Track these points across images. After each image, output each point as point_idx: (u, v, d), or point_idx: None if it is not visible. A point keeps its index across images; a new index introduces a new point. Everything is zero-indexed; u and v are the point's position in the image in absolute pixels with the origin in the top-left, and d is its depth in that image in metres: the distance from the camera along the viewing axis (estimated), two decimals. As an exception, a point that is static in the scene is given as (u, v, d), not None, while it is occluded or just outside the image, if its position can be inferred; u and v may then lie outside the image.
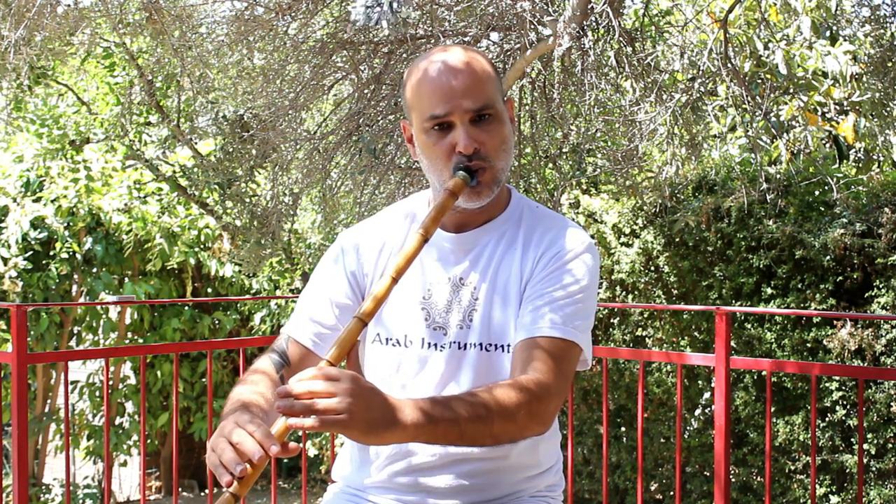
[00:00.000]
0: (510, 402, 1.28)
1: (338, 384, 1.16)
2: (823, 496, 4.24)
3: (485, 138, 1.42)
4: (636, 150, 3.58)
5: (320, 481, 6.48)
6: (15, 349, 2.98)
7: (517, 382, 1.32)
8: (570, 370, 1.41)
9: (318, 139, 3.95)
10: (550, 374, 1.35)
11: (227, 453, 1.17)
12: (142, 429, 3.36)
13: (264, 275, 6.54)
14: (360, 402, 1.17)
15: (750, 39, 3.65)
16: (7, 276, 5.35)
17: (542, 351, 1.37)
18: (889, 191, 4.32)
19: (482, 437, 1.28)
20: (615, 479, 4.89)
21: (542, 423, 1.35)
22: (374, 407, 1.18)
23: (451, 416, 1.24)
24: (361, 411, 1.16)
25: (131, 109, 5.80)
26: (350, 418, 1.15)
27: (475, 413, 1.25)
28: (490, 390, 1.30)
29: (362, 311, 1.32)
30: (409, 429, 1.20)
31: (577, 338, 1.41)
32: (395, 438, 1.22)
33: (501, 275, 1.48)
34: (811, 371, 3.27)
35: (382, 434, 1.19)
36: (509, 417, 1.28)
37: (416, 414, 1.21)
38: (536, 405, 1.31)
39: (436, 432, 1.23)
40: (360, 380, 1.20)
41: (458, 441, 1.27)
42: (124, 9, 4.21)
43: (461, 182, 1.41)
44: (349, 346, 1.29)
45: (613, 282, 4.96)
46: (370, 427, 1.17)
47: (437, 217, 1.39)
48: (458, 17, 3.43)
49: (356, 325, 1.31)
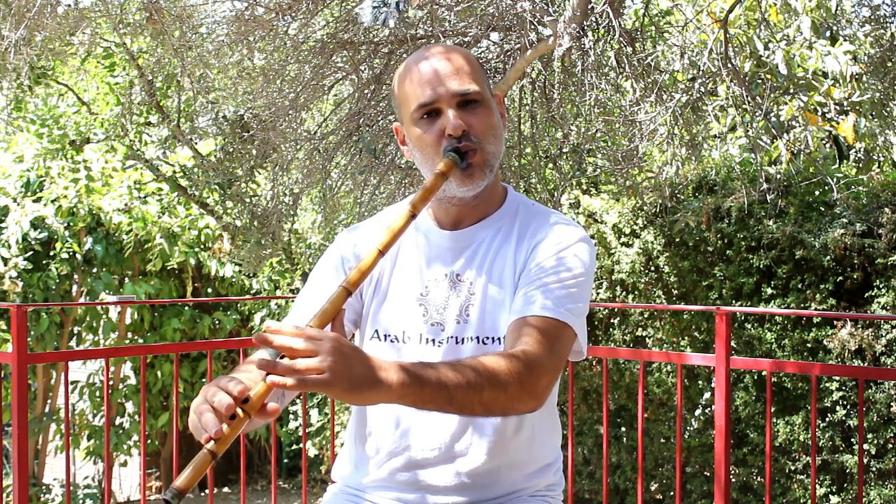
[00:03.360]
0: (501, 371, 1.27)
1: (319, 343, 1.15)
2: (823, 496, 4.24)
3: (473, 121, 1.44)
4: (636, 150, 3.58)
5: (320, 481, 6.48)
6: (15, 349, 2.99)
7: (507, 353, 1.31)
8: (563, 350, 1.39)
9: (319, 139, 3.95)
10: (541, 349, 1.34)
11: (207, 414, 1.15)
12: (142, 429, 3.36)
13: (264, 275, 6.54)
14: (342, 360, 1.14)
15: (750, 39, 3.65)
16: (7, 276, 5.35)
17: (532, 328, 1.37)
18: (889, 191, 4.32)
19: (472, 405, 1.25)
20: (615, 479, 4.89)
21: (535, 398, 1.32)
22: (357, 365, 1.16)
23: (440, 378, 1.21)
24: (343, 370, 1.14)
25: (131, 109, 5.79)
26: (332, 377, 1.13)
27: (465, 378, 1.23)
28: (480, 359, 1.28)
29: (348, 280, 1.30)
30: (394, 388, 1.18)
31: (568, 319, 1.39)
32: (379, 398, 1.18)
33: (496, 268, 1.49)
34: (811, 371, 3.27)
35: (366, 393, 1.16)
36: (500, 386, 1.26)
37: (401, 374, 1.19)
38: (528, 376, 1.29)
39: (423, 395, 1.20)
40: (342, 339, 1.17)
41: (446, 406, 1.24)
42: (124, 9, 4.21)
43: (451, 162, 1.41)
44: (332, 313, 1.27)
45: (613, 282, 4.96)
46: (352, 385, 1.15)
47: (425, 195, 1.39)
48: (458, 17, 3.43)
49: (340, 294, 1.28)
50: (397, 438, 1.50)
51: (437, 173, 1.41)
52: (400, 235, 1.36)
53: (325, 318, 1.26)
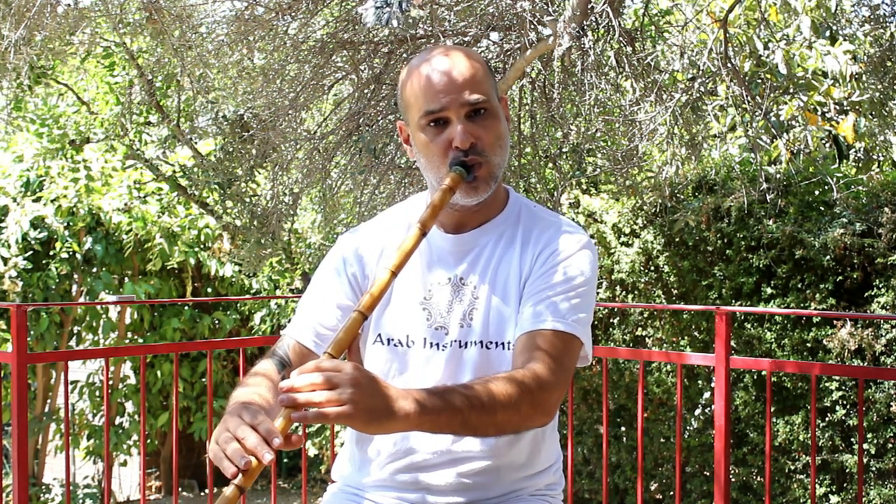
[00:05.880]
0: (512, 392, 1.28)
1: (339, 375, 1.16)
2: (823, 496, 4.24)
3: (481, 133, 1.43)
4: (636, 150, 3.58)
5: (320, 481, 6.48)
6: (15, 349, 2.98)
7: (518, 373, 1.32)
8: (571, 363, 1.41)
9: (318, 139, 3.95)
10: (550, 365, 1.35)
11: (232, 446, 1.16)
12: (142, 429, 3.36)
13: (264, 275, 6.54)
14: (362, 391, 1.16)
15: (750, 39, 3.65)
16: (7, 275, 5.35)
17: (542, 343, 1.38)
18: (889, 191, 4.32)
19: (485, 427, 1.27)
20: (615, 479, 4.89)
21: (546, 414, 1.34)
22: (376, 396, 1.17)
23: (455, 404, 1.23)
24: (363, 401, 1.15)
25: (131, 109, 5.80)
26: (352, 409, 1.14)
27: (478, 402, 1.25)
28: (493, 380, 1.29)
29: (362, 304, 1.31)
30: (411, 417, 1.19)
31: (576, 330, 1.41)
32: (398, 427, 1.20)
33: (501, 273, 1.49)
34: (811, 371, 3.27)
35: (385, 423, 1.18)
36: (512, 407, 1.28)
37: (418, 403, 1.20)
38: (539, 395, 1.31)
39: (439, 421, 1.22)
40: (362, 370, 1.19)
41: (461, 430, 1.26)
42: (124, 8, 4.20)
43: (458, 177, 1.41)
44: (350, 339, 1.28)
45: (613, 282, 4.96)
46: (372, 417, 1.16)
47: (434, 212, 1.39)
48: (458, 17, 3.43)
49: (357, 319, 1.30)
50: (399, 440, 1.50)
51: (444, 189, 1.40)
52: (411, 255, 1.37)
53: (341, 345, 1.27)
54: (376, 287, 1.33)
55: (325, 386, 1.15)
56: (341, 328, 1.29)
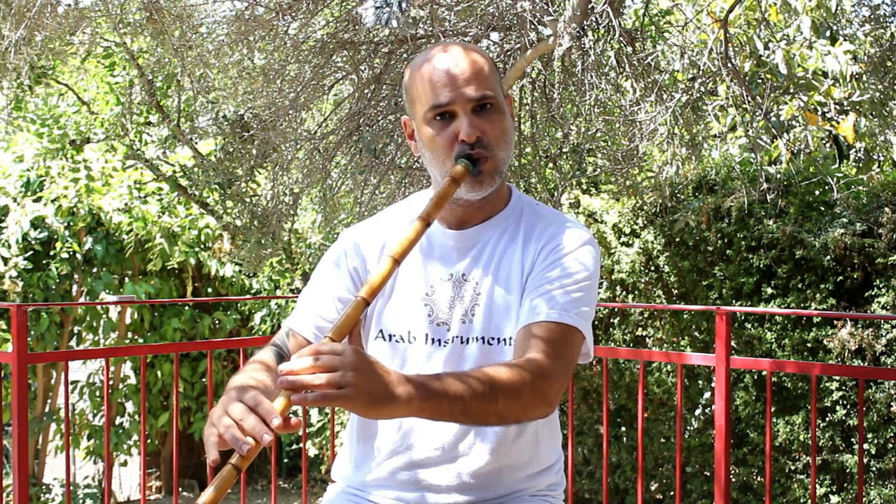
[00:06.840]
0: (513, 380, 1.27)
1: (338, 358, 1.14)
2: (823, 496, 4.24)
3: (486, 127, 1.43)
4: (636, 150, 3.59)
5: (320, 481, 6.48)
6: (15, 349, 2.98)
7: (519, 361, 1.32)
8: (572, 355, 1.41)
9: (319, 139, 3.95)
10: (551, 355, 1.35)
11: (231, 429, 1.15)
12: (142, 429, 3.36)
13: (264, 275, 6.54)
14: (362, 375, 1.14)
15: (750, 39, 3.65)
16: (7, 276, 5.35)
17: (542, 334, 1.37)
18: (889, 191, 4.32)
19: (486, 415, 1.26)
20: (615, 479, 4.89)
21: (547, 404, 1.33)
22: (376, 380, 1.16)
23: (455, 391, 1.22)
24: (363, 384, 1.14)
25: (131, 109, 5.80)
26: (352, 391, 1.13)
27: (479, 389, 1.24)
28: (493, 368, 1.29)
29: (364, 290, 1.31)
30: (412, 402, 1.18)
31: (578, 323, 1.40)
32: (397, 412, 1.19)
33: (503, 269, 1.49)
34: (811, 371, 3.27)
35: (385, 408, 1.16)
36: (514, 395, 1.27)
37: (418, 388, 1.19)
38: (540, 383, 1.30)
39: (440, 407, 1.21)
40: (361, 353, 1.17)
41: (462, 417, 1.25)
42: (124, 9, 4.20)
43: (463, 169, 1.41)
44: (351, 324, 1.27)
45: (613, 282, 4.96)
46: (372, 400, 1.15)
47: (438, 203, 1.40)
48: (458, 17, 3.43)
49: (359, 304, 1.29)
50: (399, 438, 1.50)
51: (449, 180, 1.41)
52: (414, 244, 1.37)
53: (342, 330, 1.26)
54: (378, 274, 1.32)
55: (324, 369, 1.14)
56: (342, 313, 1.28)
